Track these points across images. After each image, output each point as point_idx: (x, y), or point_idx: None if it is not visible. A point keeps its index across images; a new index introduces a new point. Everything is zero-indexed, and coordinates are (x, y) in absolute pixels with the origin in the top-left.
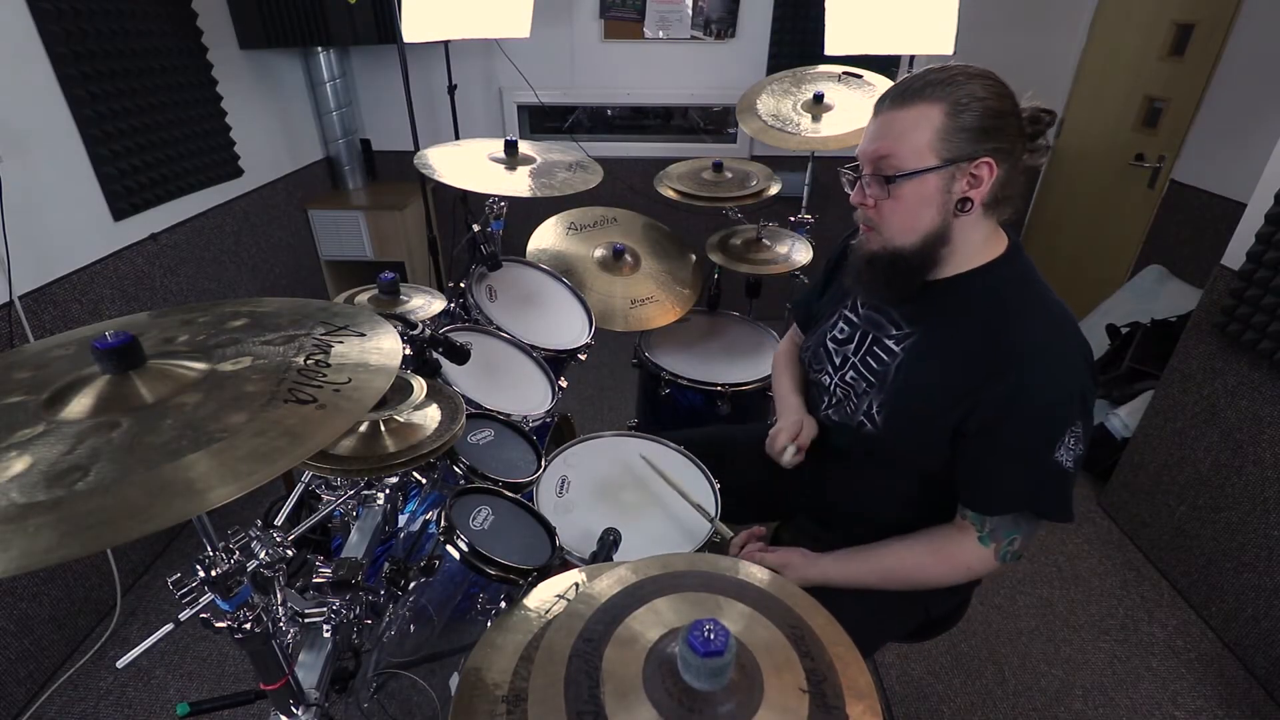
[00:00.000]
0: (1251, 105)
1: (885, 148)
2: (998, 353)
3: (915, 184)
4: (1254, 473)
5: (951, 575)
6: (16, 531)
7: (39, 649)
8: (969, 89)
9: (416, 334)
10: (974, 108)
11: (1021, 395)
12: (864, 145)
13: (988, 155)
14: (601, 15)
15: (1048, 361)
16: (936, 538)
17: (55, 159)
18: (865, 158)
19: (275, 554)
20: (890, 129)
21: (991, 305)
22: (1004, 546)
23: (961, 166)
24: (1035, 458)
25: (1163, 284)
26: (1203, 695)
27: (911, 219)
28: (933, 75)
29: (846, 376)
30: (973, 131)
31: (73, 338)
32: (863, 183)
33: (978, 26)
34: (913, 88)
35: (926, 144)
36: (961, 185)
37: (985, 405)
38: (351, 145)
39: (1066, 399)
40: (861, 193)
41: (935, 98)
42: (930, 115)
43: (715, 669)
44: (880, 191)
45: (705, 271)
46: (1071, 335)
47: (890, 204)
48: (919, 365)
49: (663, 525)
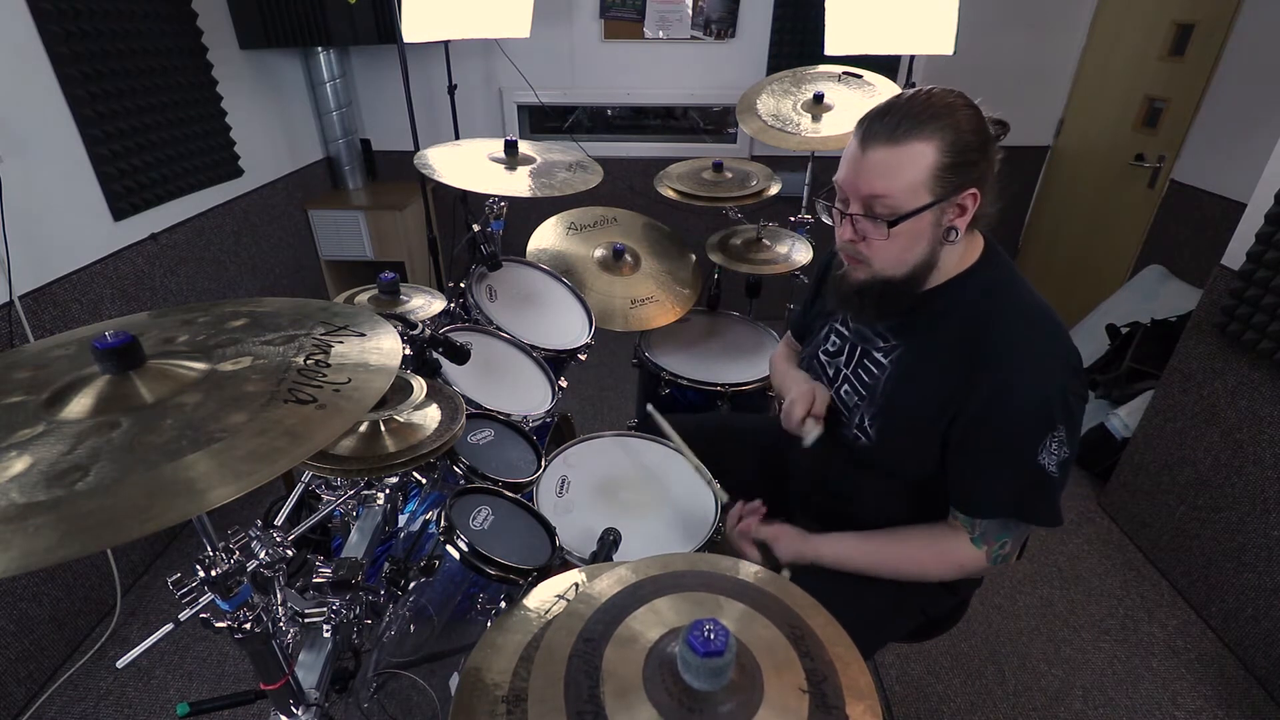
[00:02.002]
0: (1251, 105)
1: (881, 187)
2: (978, 357)
3: (911, 222)
4: (1254, 473)
5: (942, 570)
6: (16, 531)
7: (39, 649)
8: (956, 121)
9: (416, 334)
10: (961, 142)
11: (1001, 398)
12: (850, 179)
13: (973, 185)
14: (601, 15)
15: (1026, 363)
16: (932, 532)
17: (55, 159)
18: (854, 193)
19: (275, 554)
20: (883, 168)
21: (970, 311)
22: (995, 550)
23: (951, 200)
24: (1018, 462)
25: (1163, 284)
26: (1203, 695)
27: (904, 252)
28: (919, 106)
29: (841, 390)
30: (961, 166)
31: (73, 338)
32: (852, 219)
33: (978, 26)
34: (904, 124)
35: (921, 183)
36: (950, 216)
37: (968, 410)
38: (351, 145)
39: (1046, 400)
40: (851, 229)
41: (927, 135)
42: (925, 154)
43: (715, 669)
44: (876, 231)
45: (705, 271)
46: (1051, 335)
47: (883, 242)
48: (905, 377)
49: (663, 525)
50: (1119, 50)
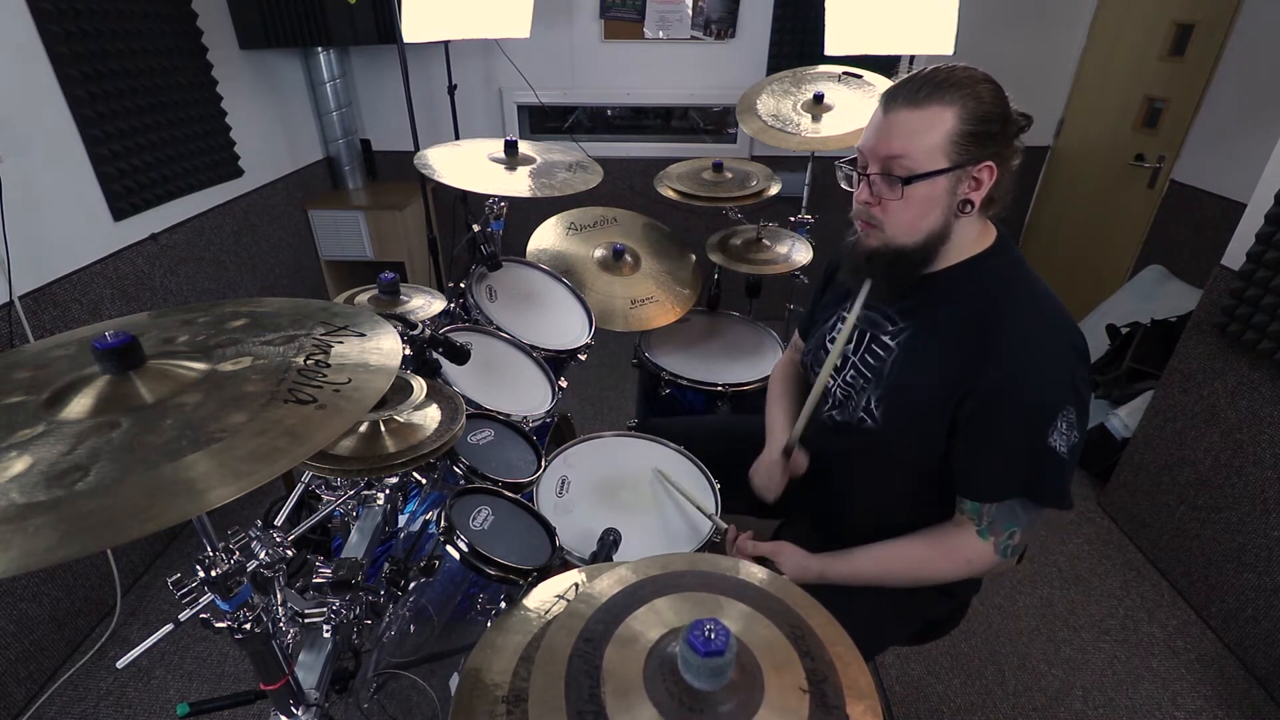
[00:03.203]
0: (1251, 105)
1: (899, 147)
2: (988, 342)
3: (926, 185)
4: (1254, 473)
5: (951, 569)
6: (16, 531)
7: (39, 649)
8: (977, 92)
9: (416, 334)
10: (981, 112)
11: (1012, 382)
12: (871, 142)
13: (990, 159)
14: (601, 15)
15: (1037, 348)
16: (936, 532)
17: (55, 159)
18: (873, 155)
19: (275, 554)
20: (903, 129)
21: (981, 296)
22: (1003, 540)
23: (967, 169)
24: (1029, 443)
25: (1163, 284)
26: (1203, 695)
27: (918, 219)
28: (942, 75)
29: (847, 376)
30: (980, 136)
31: (73, 338)
32: (869, 181)
33: (978, 26)
34: (925, 88)
35: (939, 146)
36: (965, 187)
37: (977, 393)
38: (351, 145)
39: (1057, 384)
40: (868, 190)
41: (948, 100)
42: (944, 117)
43: (716, 668)
44: (891, 191)
45: (705, 271)
46: (1061, 322)
47: (898, 204)
48: (913, 358)
49: (663, 525)
50: (1119, 50)
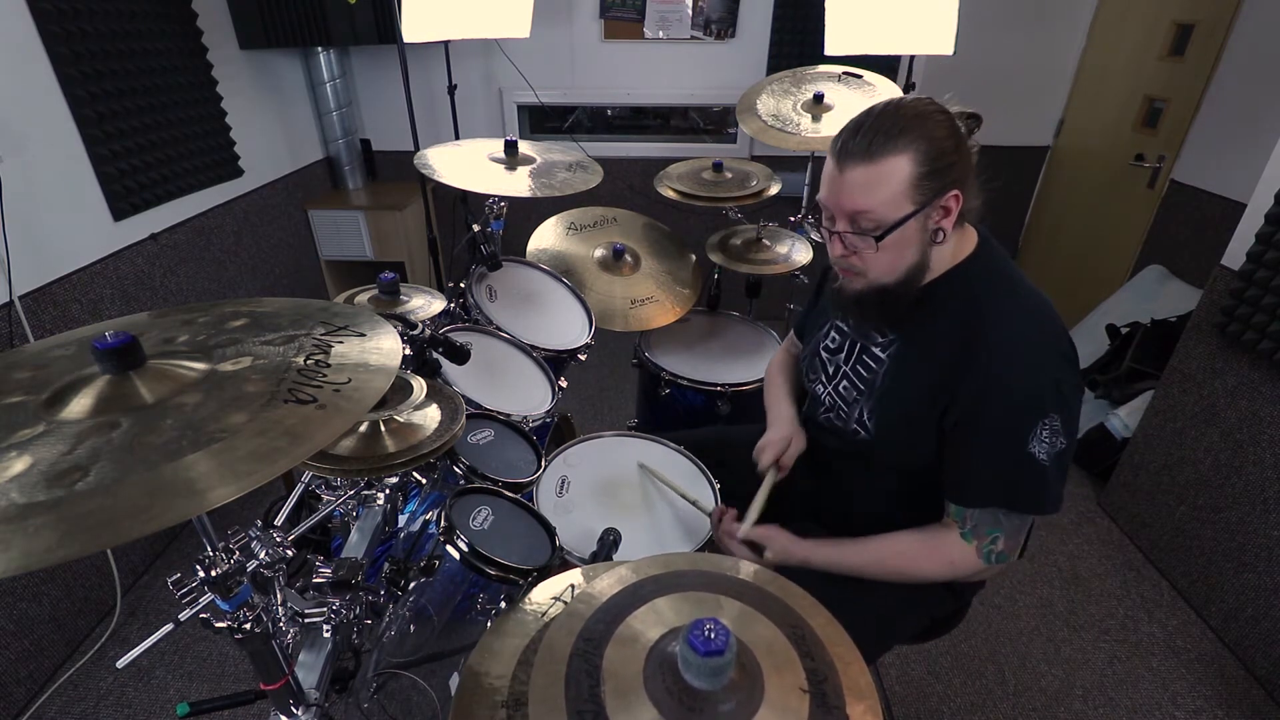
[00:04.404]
0: (1251, 105)
1: (862, 203)
2: (971, 347)
3: (897, 233)
4: (1254, 473)
5: (935, 568)
6: (16, 531)
7: (39, 649)
8: (928, 130)
9: (416, 334)
10: (936, 150)
11: (993, 386)
12: (833, 199)
13: (953, 188)
14: (601, 15)
15: (1019, 352)
16: (925, 530)
17: (55, 159)
18: (838, 210)
19: (275, 554)
20: (861, 186)
21: (964, 302)
22: (986, 545)
23: (934, 204)
24: (1007, 450)
25: (1163, 284)
26: (1203, 695)
27: (896, 261)
28: (888, 122)
29: (839, 386)
30: (939, 171)
31: (73, 338)
32: (840, 237)
33: (978, 26)
34: (877, 140)
35: (902, 194)
36: (935, 218)
37: (961, 399)
38: (351, 145)
39: (1038, 390)
40: (841, 246)
41: (901, 148)
42: (900, 165)
43: (716, 668)
44: (865, 245)
45: (705, 271)
46: (1045, 326)
47: (873, 254)
48: (902, 370)
49: (663, 525)
50: (1119, 50)
